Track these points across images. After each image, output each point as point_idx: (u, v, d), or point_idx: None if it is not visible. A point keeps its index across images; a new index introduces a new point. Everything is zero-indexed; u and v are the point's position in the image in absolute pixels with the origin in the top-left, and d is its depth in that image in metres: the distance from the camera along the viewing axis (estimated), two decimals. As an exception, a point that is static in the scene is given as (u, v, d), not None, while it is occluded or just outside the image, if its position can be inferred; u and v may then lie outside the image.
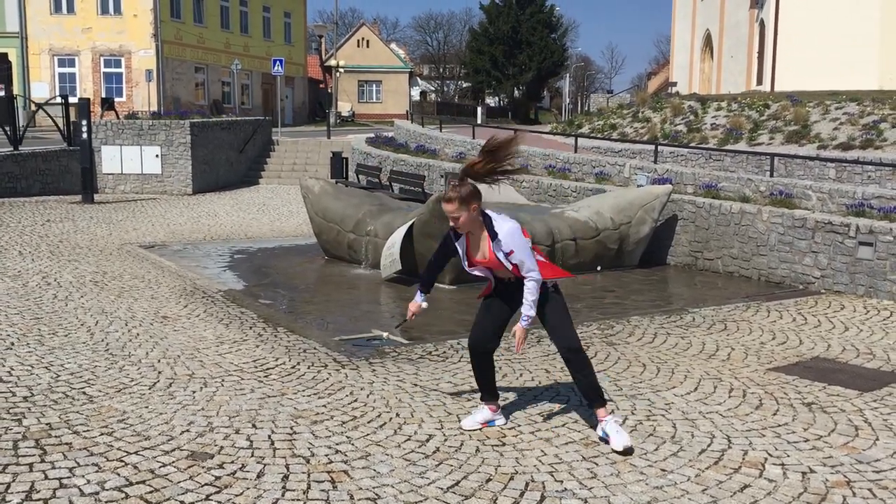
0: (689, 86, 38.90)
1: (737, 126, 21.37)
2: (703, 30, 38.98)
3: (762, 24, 31.75)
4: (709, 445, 4.66)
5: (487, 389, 4.97)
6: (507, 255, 4.54)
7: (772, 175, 14.61)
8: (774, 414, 5.23)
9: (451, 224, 4.60)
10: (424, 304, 5.03)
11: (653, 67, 77.59)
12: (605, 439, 4.62)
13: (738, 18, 34.35)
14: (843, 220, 9.70)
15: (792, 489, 4.08)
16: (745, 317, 8.19)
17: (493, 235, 4.56)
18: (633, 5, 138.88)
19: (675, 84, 40.83)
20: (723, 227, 11.07)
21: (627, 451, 4.47)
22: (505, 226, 4.54)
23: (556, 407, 5.30)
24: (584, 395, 4.80)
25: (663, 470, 4.29)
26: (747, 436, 4.82)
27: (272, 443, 4.58)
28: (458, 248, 4.74)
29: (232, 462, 4.30)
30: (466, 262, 4.77)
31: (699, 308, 8.54)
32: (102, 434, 4.62)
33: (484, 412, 4.93)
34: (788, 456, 4.52)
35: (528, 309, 4.62)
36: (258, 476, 4.12)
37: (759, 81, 31.52)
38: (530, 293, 4.60)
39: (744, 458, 4.47)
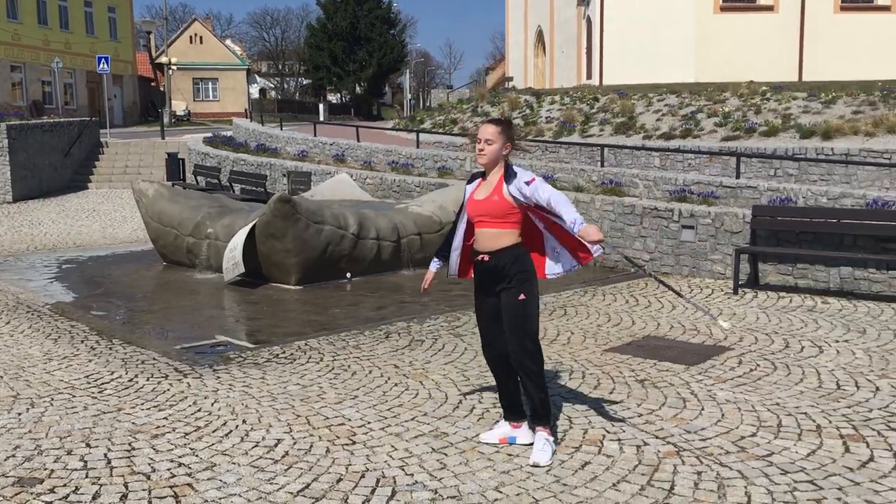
0: (525, 80, 40.17)
1: (570, 119, 22.26)
2: (536, 26, 40.35)
3: (589, 21, 33.23)
4: (552, 427, 4.83)
5: (510, 406, 4.61)
6: (527, 183, 4.24)
7: (602, 165, 15.35)
8: (611, 392, 5.51)
9: (477, 153, 4.34)
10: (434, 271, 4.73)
11: (490, 63, 79.46)
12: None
13: (567, 15, 35.78)
14: (667, 205, 10.33)
15: (628, 462, 4.32)
16: (582, 301, 8.57)
17: (510, 176, 4.33)
18: (469, 2, 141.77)
19: (511, 79, 42.05)
20: (560, 217, 11.50)
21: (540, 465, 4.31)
22: (526, 172, 4.36)
23: (406, 401, 5.34)
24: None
25: (509, 455, 4.42)
26: (586, 415, 5.05)
27: (108, 461, 4.35)
28: (466, 191, 4.48)
29: (64, 485, 4.05)
30: (465, 206, 4.47)
31: (541, 295, 8.84)
32: (-87, 468, 4.23)
33: (504, 427, 4.63)
34: (624, 431, 4.77)
35: (571, 213, 4.09)
36: (94, 498, 3.91)
37: (589, 76, 32.99)
38: (561, 206, 4.13)
39: (584, 437, 4.68)
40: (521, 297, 4.35)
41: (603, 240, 4.08)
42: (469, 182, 4.54)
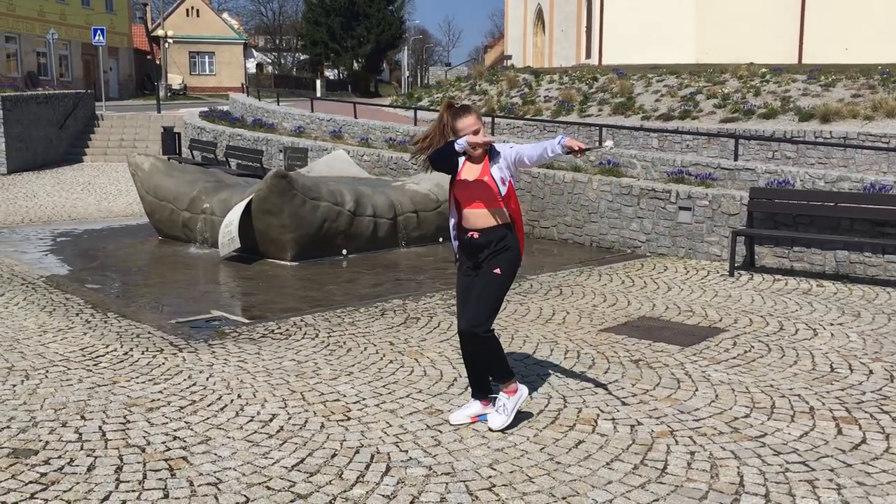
0: (524, 59, 39.96)
1: (568, 98, 22.18)
2: (535, 4, 40.07)
3: (589, 0, 33.00)
4: (546, 406, 4.85)
5: (478, 383, 4.61)
6: (510, 147, 4.37)
7: (601, 145, 15.28)
8: (605, 372, 5.52)
9: (483, 144, 4.32)
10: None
11: (489, 41, 79.05)
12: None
13: (567, -7, 35.52)
14: (664, 186, 10.31)
15: (622, 442, 4.33)
16: (578, 281, 8.57)
17: (494, 154, 4.41)
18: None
19: (510, 57, 41.82)
20: (557, 196, 11.50)
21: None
22: (503, 144, 4.47)
23: (401, 378, 5.35)
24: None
25: (503, 433, 4.43)
26: (581, 394, 5.07)
27: (103, 434, 4.35)
28: (459, 162, 4.46)
29: (59, 457, 4.05)
30: (454, 188, 4.47)
31: (537, 275, 8.85)
32: None
33: (475, 406, 4.61)
34: (618, 411, 4.79)
35: (549, 141, 4.15)
36: (88, 470, 3.91)
37: (588, 55, 32.83)
38: (538, 144, 4.25)
39: (578, 416, 4.70)
40: (497, 271, 4.38)
41: (579, 150, 4.01)
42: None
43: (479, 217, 4.40)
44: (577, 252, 10.65)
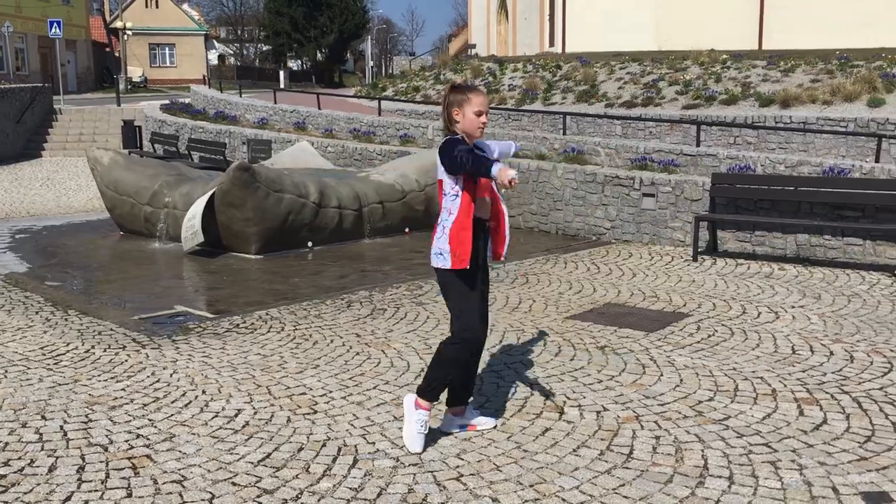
0: (488, 48, 39.91)
1: (532, 87, 22.20)
2: (498, -8, 40.02)
3: (552, -12, 33.01)
4: (513, 394, 4.87)
5: (469, 388, 4.32)
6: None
7: (564, 133, 15.38)
8: (572, 359, 5.55)
9: (481, 125, 3.98)
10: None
11: (453, 30, 78.85)
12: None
13: (530, -19, 35.50)
14: (628, 173, 10.38)
15: (588, 428, 4.36)
16: (544, 269, 8.60)
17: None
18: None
19: (474, 46, 41.73)
20: (521, 185, 11.51)
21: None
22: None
23: (368, 370, 5.33)
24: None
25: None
26: (548, 381, 5.09)
27: (65, 433, 4.28)
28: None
29: (19, 458, 3.97)
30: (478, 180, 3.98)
31: (503, 264, 8.86)
32: None
33: (470, 413, 4.37)
34: (585, 397, 4.82)
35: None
36: (50, 470, 3.84)
37: (552, 43, 32.87)
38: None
39: (545, 403, 4.72)
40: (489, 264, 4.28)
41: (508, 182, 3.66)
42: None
43: (486, 204, 4.08)
44: (543, 240, 10.69)
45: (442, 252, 3.98)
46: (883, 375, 5.15)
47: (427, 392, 4.08)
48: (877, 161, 11.77)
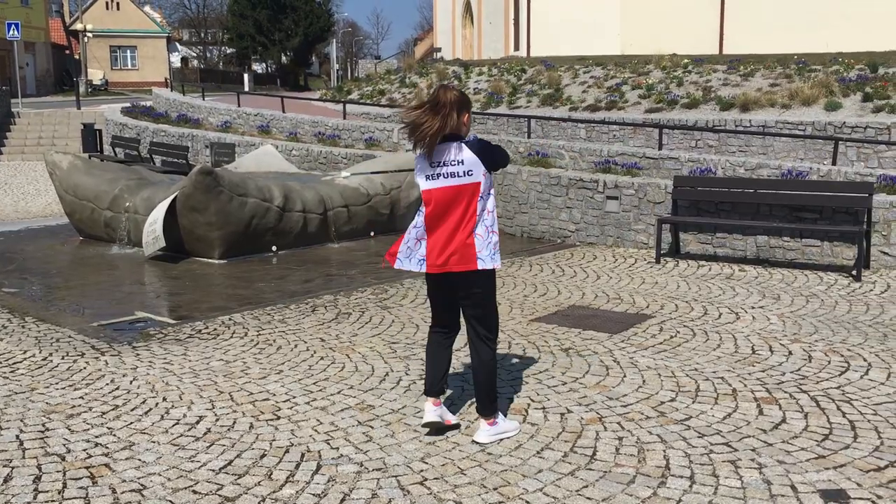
0: (453, 51, 40.01)
1: (497, 90, 22.27)
2: (464, -4, 40.12)
3: (517, -8, 33.18)
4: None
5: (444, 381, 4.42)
6: None
7: (529, 136, 15.44)
8: (536, 361, 5.57)
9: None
10: None
11: (419, 33, 78.97)
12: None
13: (495, -15, 35.64)
14: (592, 176, 10.46)
15: (552, 430, 4.38)
16: (510, 272, 8.63)
17: None
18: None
19: (439, 50, 41.81)
20: (487, 188, 11.52)
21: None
22: None
23: (332, 374, 5.30)
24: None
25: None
26: (512, 384, 5.10)
27: (21, 443, 4.19)
28: None
29: (-27, 470, 3.89)
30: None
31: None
32: None
33: (439, 408, 4.36)
34: (549, 399, 4.84)
35: None
36: (5, 481, 3.76)
37: (517, 47, 33.03)
38: None
39: (509, 406, 4.72)
40: None
41: None
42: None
43: None
44: (509, 243, 10.72)
45: (492, 253, 4.09)
46: (840, 374, 5.24)
47: (494, 404, 4.26)
48: (834, 164, 11.98)
